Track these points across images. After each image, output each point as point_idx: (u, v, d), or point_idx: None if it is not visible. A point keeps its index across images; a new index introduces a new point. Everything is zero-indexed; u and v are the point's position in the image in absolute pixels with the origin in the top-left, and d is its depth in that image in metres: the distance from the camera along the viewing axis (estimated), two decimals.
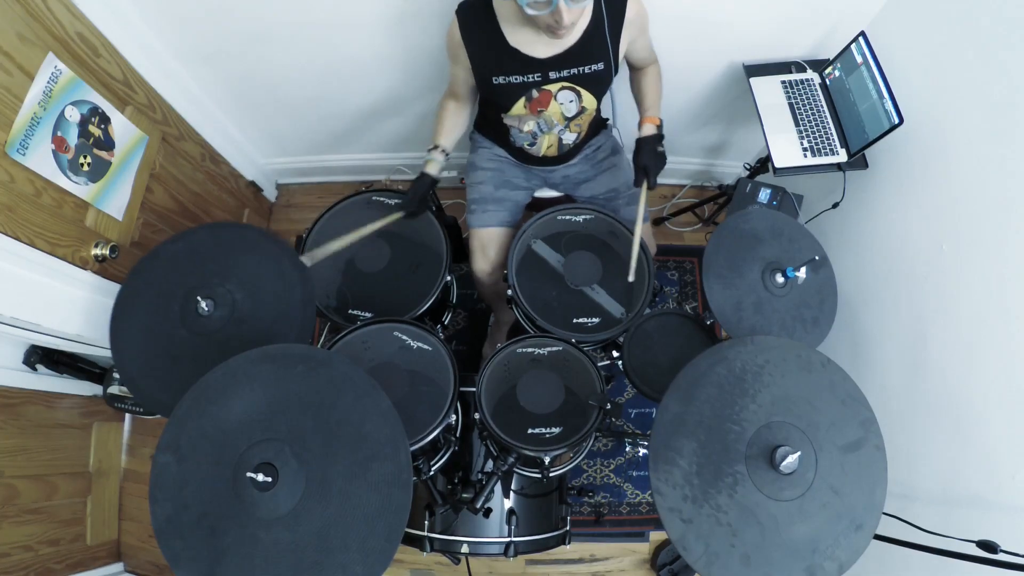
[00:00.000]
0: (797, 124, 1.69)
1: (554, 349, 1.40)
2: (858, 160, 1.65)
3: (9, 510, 1.55)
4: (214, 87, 1.87)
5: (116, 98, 1.48)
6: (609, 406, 1.32)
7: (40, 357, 1.63)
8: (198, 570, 0.90)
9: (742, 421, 1.04)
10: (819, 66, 1.74)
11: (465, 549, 1.44)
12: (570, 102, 1.45)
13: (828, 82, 1.71)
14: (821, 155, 1.65)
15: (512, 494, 1.51)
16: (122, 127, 1.50)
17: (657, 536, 2.11)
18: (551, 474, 1.42)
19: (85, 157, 1.37)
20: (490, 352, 1.62)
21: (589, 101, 1.46)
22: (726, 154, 2.37)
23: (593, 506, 2.12)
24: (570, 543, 1.59)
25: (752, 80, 1.74)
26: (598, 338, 1.42)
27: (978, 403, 1.27)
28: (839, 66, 1.65)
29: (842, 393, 1.09)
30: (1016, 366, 1.19)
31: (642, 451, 2.17)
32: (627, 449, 2.18)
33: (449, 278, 1.55)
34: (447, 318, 1.68)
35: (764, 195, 1.73)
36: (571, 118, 1.49)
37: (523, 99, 1.43)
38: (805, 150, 1.66)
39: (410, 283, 1.50)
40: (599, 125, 1.66)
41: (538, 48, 1.35)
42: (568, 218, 1.53)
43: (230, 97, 1.93)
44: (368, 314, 1.47)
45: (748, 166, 1.96)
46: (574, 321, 1.44)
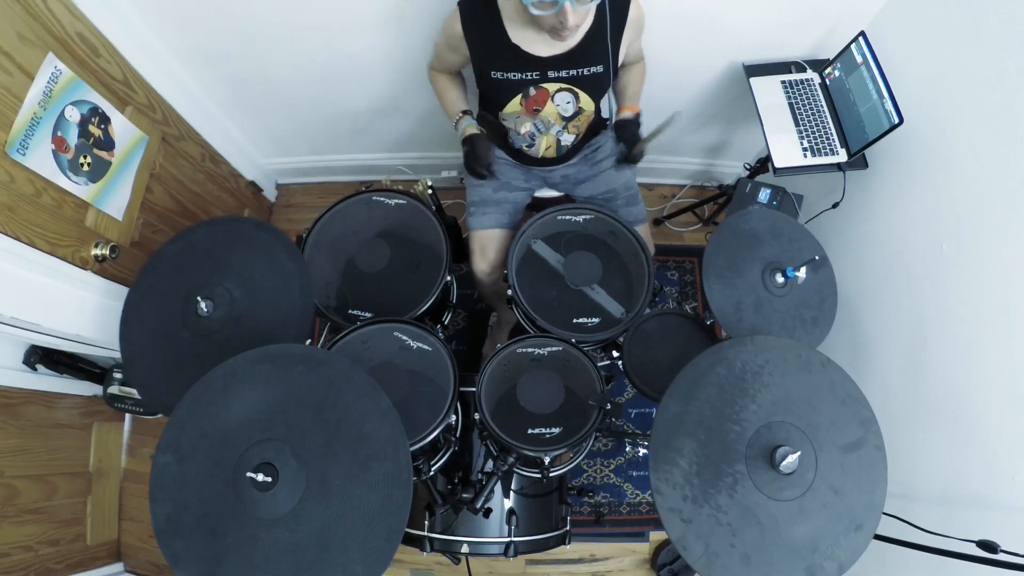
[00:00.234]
0: (797, 124, 1.69)
1: (554, 349, 1.40)
2: (858, 160, 1.65)
3: (9, 510, 1.55)
4: (214, 87, 1.87)
5: (116, 98, 1.48)
6: (609, 406, 1.31)
7: (40, 357, 1.63)
8: (198, 570, 0.90)
9: (742, 421, 1.04)
10: (819, 66, 1.74)
11: (465, 549, 1.44)
12: (567, 103, 1.46)
13: (828, 82, 1.71)
14: (821, 155, 1.65)
15: (512, 494, 1.51)
16: (122, 127, 1.50)
17: (657, 536, 2.11)
18: (551, 474, 1.42)
19: (85, 157, 1.37)
20: (490, 352, 1.62)
21: (587, 103, 1.46)
22: (726, 154, 2.37)
23: (593, 506, 2.12)
24: (570, 543, 1.59)
25: (752, 80, 1.74)
26: (598, 338, 1.42)
27: (978, 403, 1.27)
28: (839, 66, 1.65)
29: (842, 393, 1.09)
30: (1016, 366, 1.19)
31: (642, 451, 2.17)
32: (627, 449, 2.18)
33: (449, 278, 1.54)
34: (447, 318, 1.68)
35: (764, 195, 1.73)
36: (568, 119, 1.49)
37: (519, 96, 1.44)
38: (805, 150, 1.66)
39: (410, 283, 1.50)
40: (599, 126, 1.66)
41: (539, 47, 1.35)
42: (568, 218, 1.53)
43: (230, 97, 1.93)
44: (368, 314, 1.47)
45: (748, 166, 1.97)
46: (574, 321, 1.44)
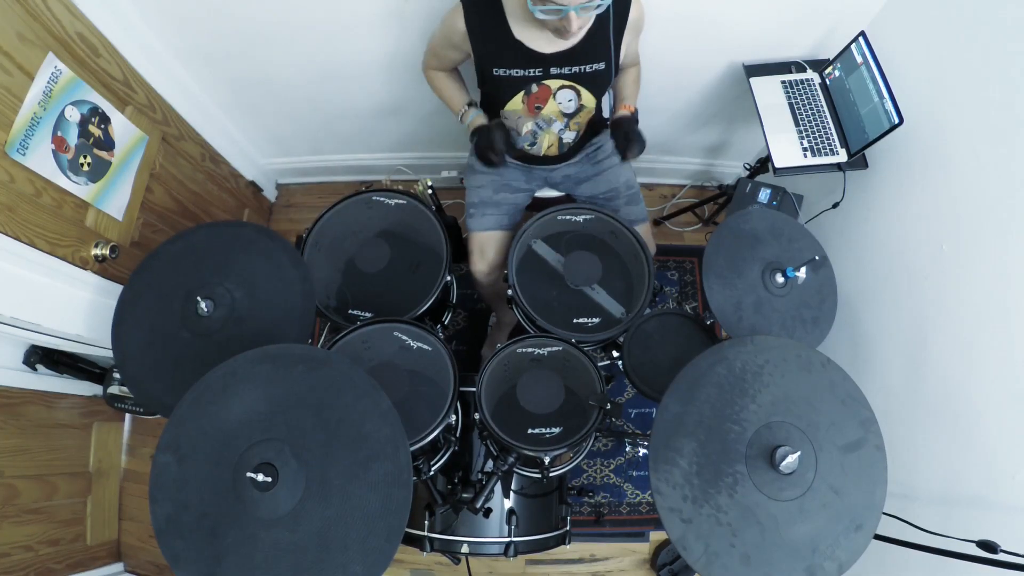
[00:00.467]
0: (797, 124, 1.69)
1: (554, 349, 1.40)
2: (858, 160, 1.65)
3: (9, 510, 1.55)
4: (214, 87, 1.87)
5: (116, 98, 1.48)
6: (609, 406, 1.31)
7: (40, 357, 1.63)
8: (198, 570, 0.90)
9: (742, 421, 1.04)
10: (819, 66, 1.74)
11: (465, 549, 1.44)
12: (569, 100, 1.46)
13: (828, 82, 1.71)
14: (821, 155, 1.65)
15: (512, 494, 1.51)
16: (122, 127, 1.50)
17: (657, 536, 2.11)
18: (551, 474, 1.42)
19: (85, 157, 1.37)
20: (490, 352, 1.62)
21: (588, 99, 1.46)
22: (726, 154, 2.37)
23: (593, 506, 2.12)
24: (570, 543, 1.59)
25: (752, 80, 1.74)
26: (598, 338, 1.42)
27: (978, 403, 1.27)
28: (839, 66, 1.65)
29: (842, 393, 1.09)
30: (1016, 366, 1.19)
31: (642, 451, 2.17)
32: (627, 449, 2.18)
33: (449, 278, 1.54)
34: (447, 318, 1.68)
35: (764, 195, 1.73)
36: (570, 115, 1.50)
37: (521, 93, 1.44)
38: (805, 150, 1.66)
39: (410, 283, 1.50)
40: (600, 125, 1.66)
41: (542, 43, 1.36)
42: (568, 218, 1.53)
43: (230, 97, 1.93)
44: (368, 314, 1.47)
45: (748, 166, 1.96)
46: (574, 321, 1.44)
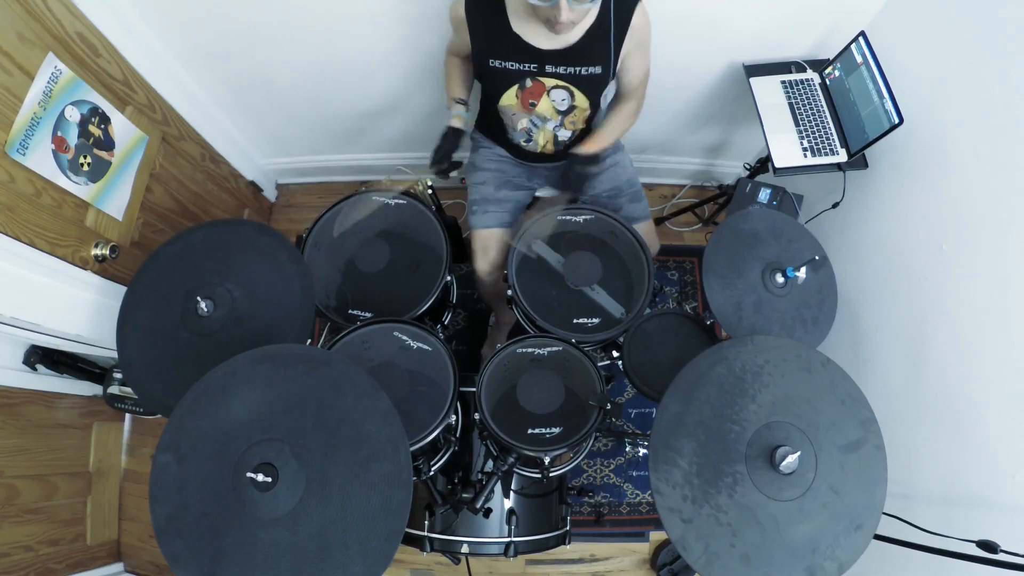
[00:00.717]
0: (797, 124, 1.69)
1: (554, 349, 1.40)
2: (858, 160, 1.65)
3: (9, 510, 1.55)
4: (214, 87, 1.87)
5: (116, 98, 1.48)
6: (609, 406, 1.31)
7: (40, 357, 1.63)
8: (198, 570, 0.90)
9: (742, 421, 1.04)
10: (819, 66, 1.74)
11: (465, 549, 1.44)
12: (562, 100, 1.46)
13: (828, 82, 1.71)
14: (821, 155, 1.65)
15: (512, 494, 1.51)
16: (122, 127, 1.50)
17: (657, 536, 2.11)
18: (551, 474, 1.42)
19: (85, 157, 1.37)
20: (490, 352, 1.62)
21: (581, 101, 1.46)
22: (726, 154, 2.37)
23: (593, 506, 2.12)
24: (570, 543, 1.59)
25: (752, 80, 1.74)
26: (598, 338, 1.42)
27: (978, 403, 1.27)
28: (839, 66, 1.65)
29: (842, 393, 1.09)
30: (1016, 366, 1.19)
31: (642, 451, 2.17)
32: (627, 449, 2.18)
33: (449, 278, 1.55)
34: (447, 318, 1.68)
35: (764, 195, 1.73)
36: (564, 114, 1.50)
37: (515, 87, 1.44)
38: (805, 150, 1.66)
39: (410, 283, 1.50)
40: (599, 123, 1.66)
41: (540, 39, 1.35)
42: (568, 218, 1.53)
43: (230, 97, 1.93)
44: (368, 314, 1.47)
45: (748, 166, 1.96)
46: (574, 321, 1.44)
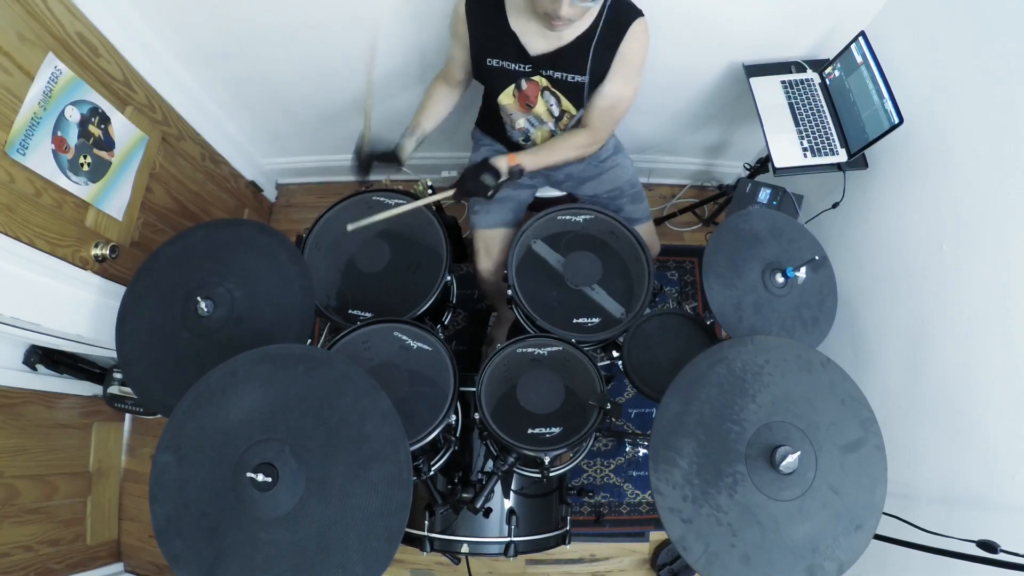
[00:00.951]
0: (797, 124, 1.69)
1: (554, 349, 1.40)
2: (858, 160, 1.65)
3: (9, 510, 1.55)
4: (214, 87, 1.87)
5: (116, 98, 1.48)
6: (609, 406, 1.31)
7: (40, 357, 1.63)
8: (198, 570, 0.90)
9: (742, 421, 1.04)
10: (819, 66, 1.74)
11: (465, 549, 1.44)
12: (552, 104, 1.47)
13: (828, 82, 1.71)
14: (821, 155, 1.65)
15: (512, 494, 1.51)
16: (122, 127, 1.50)
17: (657, 536, 2.11)
18: (551, 474, 1.42)
19: (85, 157, 1.37)
20: (490, 352, 1.62)
21: (568, 108, 1.47)
22: (726, 154, 2.37)
23: (593, 506, 2.12)
24: (570, 543, 1.59)
25: (752, 80, 1.74)
26: (598, 338, 1.42)
27: (978, 403, 1.27)
28: (839, 66, 1.65)
29: (842, 393, 1.09)
30: (1016, 366, 1.19)
31: (642, 451, 2.17)
32: (627, 449, 2.18)
33: (449, 278, 1.55)
34: (447, 318, 1.68)
35: (764, 195, 1.73)
36: (557, 118, 1.50)
37: (512, 87, 1.44)
38: (805, 150, 1.66)
39: (410, 283, 1.50)
40: None
41: (535, 40, 1.36)
42: (568, 218, 1.53)
43: (230, 97, 1.93)
44: (368, 314, 1.47)
45: (748, 166, 1.96)
46: (574, 321, 1.44)
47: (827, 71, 1.71)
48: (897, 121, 1.46)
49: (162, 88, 1.68)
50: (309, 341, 1.35)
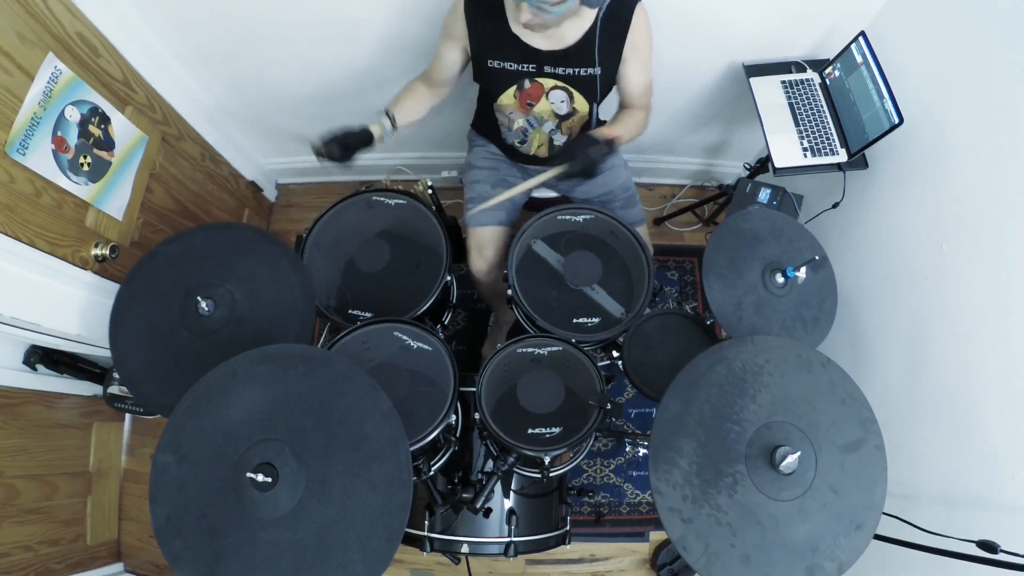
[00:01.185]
0: (797, 124, 1.69)
1: (554, 349, 1.40)
2: (858, 160, 1.65)
3: (9, 510, 1.55)
4: (214, 87, 1.87)
5: (116, 98, 1.48)
6: (609, 406, 1.31)
7: (40, 357, 1.63)
8: (198, 570, 0.90)
9: (742, 421, 1.04)
10: (819, 66, 1.74)
11: (465, 549, 1.44)
12: (561, 102, 1.46)
13: (828, 82, 1.71)
14: (821, 155, 1.65)
15: (512, 494, 1.51)
16: (122, 127, 1.50)
17: (657, 536, 2.11)
18: (551, 474, 1.42)
19: (85, 157, 1.37)
20: (490, 352, 1.62)
21: (581, 104, 1.46)
22: (726, 154, 2.37)
23: (593, 506, 2.12)
24: (570, 543, 1.60)
25: (752, 80, 1.74)
26: (598, 338, 1.42)
27: (978, 403, 1.27)
28: (839, 66, 1.65)
29: (842, 393, 1.09)
30: (1016, 366, 1.19)
31: (642, 451, 2.17)
32: (627, 449, 2.18)
33: (449, 278, 1.54)
34: (447, 318, 1.68)
35: (764, 195, 1.73)
36: (562, 118, 1.50)
37: (514, 87, 1.44)
38: (805, 150, 1.66)
39: (410, 283, 1.50)
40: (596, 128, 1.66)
41: (538, 39, 1.35)
42: (568, 218, 1.53)
43: (230, 97, 1.93)
44: (368, 314, 1.47)
45: (748, 166, 1.96)
46: (574, 321, 1.44)
47: (827, 71, 1.71)
48: (897, 121, 1.46)
49: (162, 88, 1.68)
50: (309, 341, 1.35)
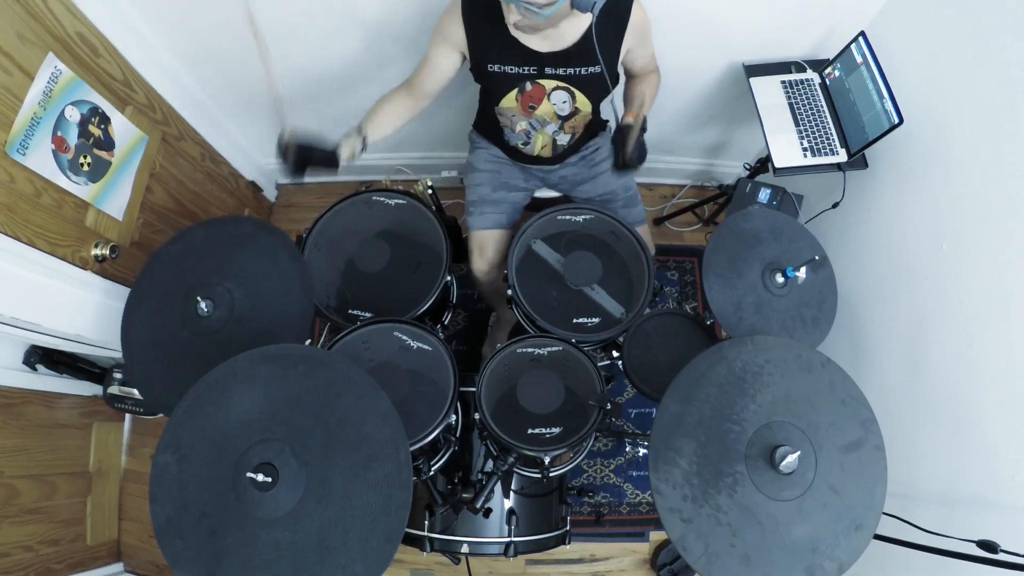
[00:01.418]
0: (797, 124, 1.69)
1: (554, 349, 1.40)
2: (858, 160, 1.65)
3: (9, 510, 1.55)
4: (214, 87, 1.87)
5: (116, 98, 1.48)
6: (609, 406, 1.31)
7: (40, 357, 1.63)
8: (198, 570, 0.90)
9: (742, 421, 1.04)
10: (819, 66, 1.74)
11: (465, 549, 1.44)
12: (563, 103, 1.45)
13: (828, 82, 1.71)
14: (821, 155, 1.65)
15: (512, 494, 1.51)
16: (122, 127, 1.50)
17: (657, 536, 2.11)
18: (551, 474, 1.42)
19: (85, 157, 1.37)
20: (490, 352, 1.62)
21: (583, 103, 1.46)
22: (726, 154, 2.37)
23: (593, 506, 2.12)
24: (570, 543, 1.60)
25: (752, 80, 1.74)
26: (598, 338, 1.42)
27: (978, 403, 1.27)
28: (839, 66, 1.65)
29: (842, 393, 1.09)
30: (1016, 366, 1.19)
31: (642, 451, 2.17)
32: (627, 449, 2.18)
33: (449, 278, 1.54)
34: (447, 318, 1.68)
35: (764, 195, 1.73)
36: (565, 118, 1.49)
37: (515, 91, 1.43)
38: (805, 150, 1.66)
39: (410, 283, 1.50)
40: (597, 127, 1.66)
41: (538, 42, 1.35)
42: (568, 218, 1.53)
43: (230, 97, 1.93)
44: (368, 314, 1.47)
45: (748, 166, 1.96)
46: (574, 321, 1.44)
47: (827, 71, 1.71)
48: (897, 121, 1.46)
49: (162, 88, 1.68)
50: (309, 341, 1.35)
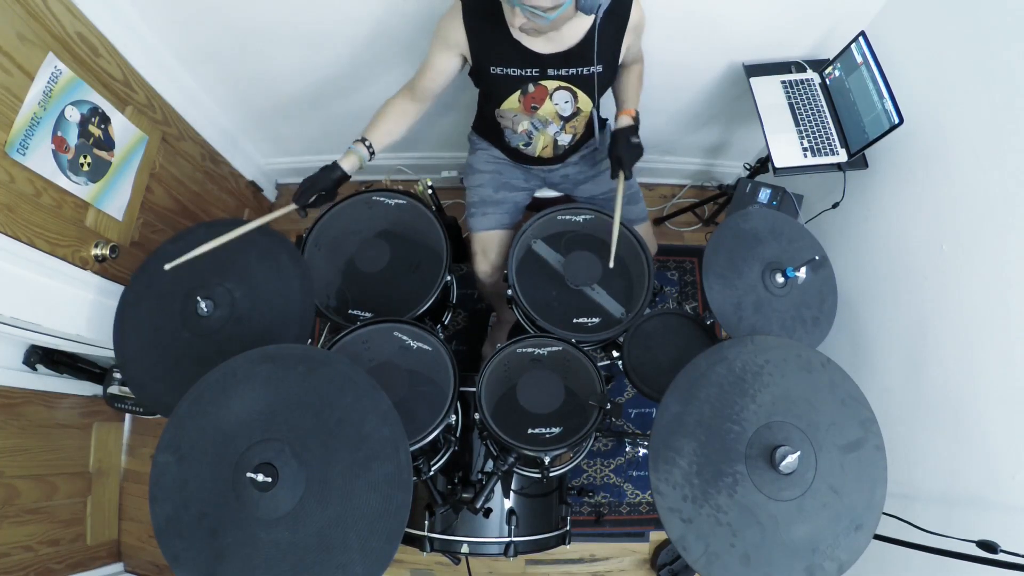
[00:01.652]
0: (797, 124, 1.69)
1: (554, 349, 1.40)
2: (858, 160, 1.65)
3: (9, 510, 1.55)
4: (214, 87, 1.87)
5: (116, 98, 1.48)
6: (609, 406, 1.31)
7: (40, 357, 1.63)
8: (198, 570, 0.90)
9: (742, 421, 1.04)
10: (819, 66, 1.74)
11: (465, 549, 1.44)
12: (565, 103, 1.45)
13: (828, 82, 1.71)
14: (821, 155, 1.65)
15: (512, 494, 1.51)
16: (122, 127, 1.50)
17: (657, 536, 2.11)
18: (551, 474, 1.42)
19: (85, 157, 1.37)
20: (490, 352, 1.62)
21: (585, 103, 1.46)
22: (726, 154, 2.37)
23: (593, 506, 2.12)
24: (570, 543, 1.59)
25: (752, 80, 1.74)
26: (598, 338, 1.42)
27: (978, 403, 1.27)
28: (839, 66, 1.65)
29: (842, 393, 1.09)
30: (1016, 366, 1.19)
31: (642, 451, 2.17)
32: (627, 449, 2.18)
33: (449, 278, 1.54)
34: (447, 318, 1.68)
35: (764, 195, 1.73)
36: (566, 119, 1.49)
37: (518, 92, 1.43)
38: (805, 150, 1.66)
39: (410, 283, 1.50)
40: (598, 126, 1.66)
41: (539, 43, 1.35)
42: (568, 218, 1.53)
43: (230, 97, 1.93)
44: (368, 314, 1.47)
45: (748, 166, 1.97)
46: (574, 321, 1.44)
47: (827, 71, 1.71)
48: (897, 121, 1.46)
49: (162, 88, 1.68)
50: (309, 341, 1.35)
